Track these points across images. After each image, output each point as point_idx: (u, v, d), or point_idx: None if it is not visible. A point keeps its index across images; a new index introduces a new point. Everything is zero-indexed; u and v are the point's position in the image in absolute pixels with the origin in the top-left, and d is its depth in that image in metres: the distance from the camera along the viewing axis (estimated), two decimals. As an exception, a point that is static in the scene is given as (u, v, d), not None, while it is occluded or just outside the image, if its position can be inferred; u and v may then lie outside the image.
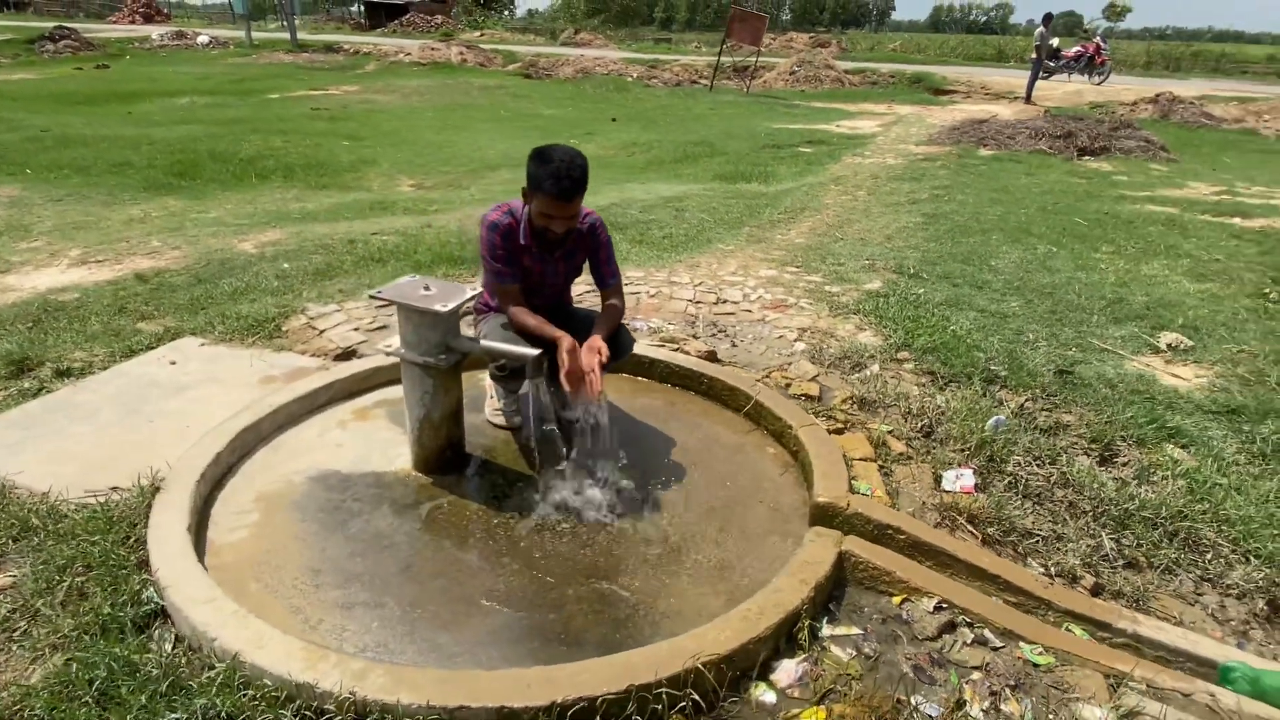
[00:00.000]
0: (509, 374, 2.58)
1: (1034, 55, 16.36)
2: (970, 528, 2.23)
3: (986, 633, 1.87)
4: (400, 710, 1.49)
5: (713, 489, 2.45)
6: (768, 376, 3.08)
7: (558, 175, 2.18)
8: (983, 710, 1.65)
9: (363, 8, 42.58)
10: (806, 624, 1.82)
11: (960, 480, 2.41)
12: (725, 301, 3.86)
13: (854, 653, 1.81)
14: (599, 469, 2.44)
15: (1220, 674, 1.81)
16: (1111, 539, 2.18)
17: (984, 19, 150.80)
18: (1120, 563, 2.14)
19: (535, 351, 2.18)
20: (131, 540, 1.98)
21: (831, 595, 1.97)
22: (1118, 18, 31.34)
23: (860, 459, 2.52)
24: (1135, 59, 27.70)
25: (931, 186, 7.43)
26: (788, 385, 3.02)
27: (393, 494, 2.33)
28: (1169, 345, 3.52)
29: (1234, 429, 2.84)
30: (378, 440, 2.61)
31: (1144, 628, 1.90)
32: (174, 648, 1.67)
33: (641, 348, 3.15)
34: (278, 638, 1.63)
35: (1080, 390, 3.03)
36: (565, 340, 2.23)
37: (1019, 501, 2.33)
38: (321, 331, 3.40)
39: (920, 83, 19.07)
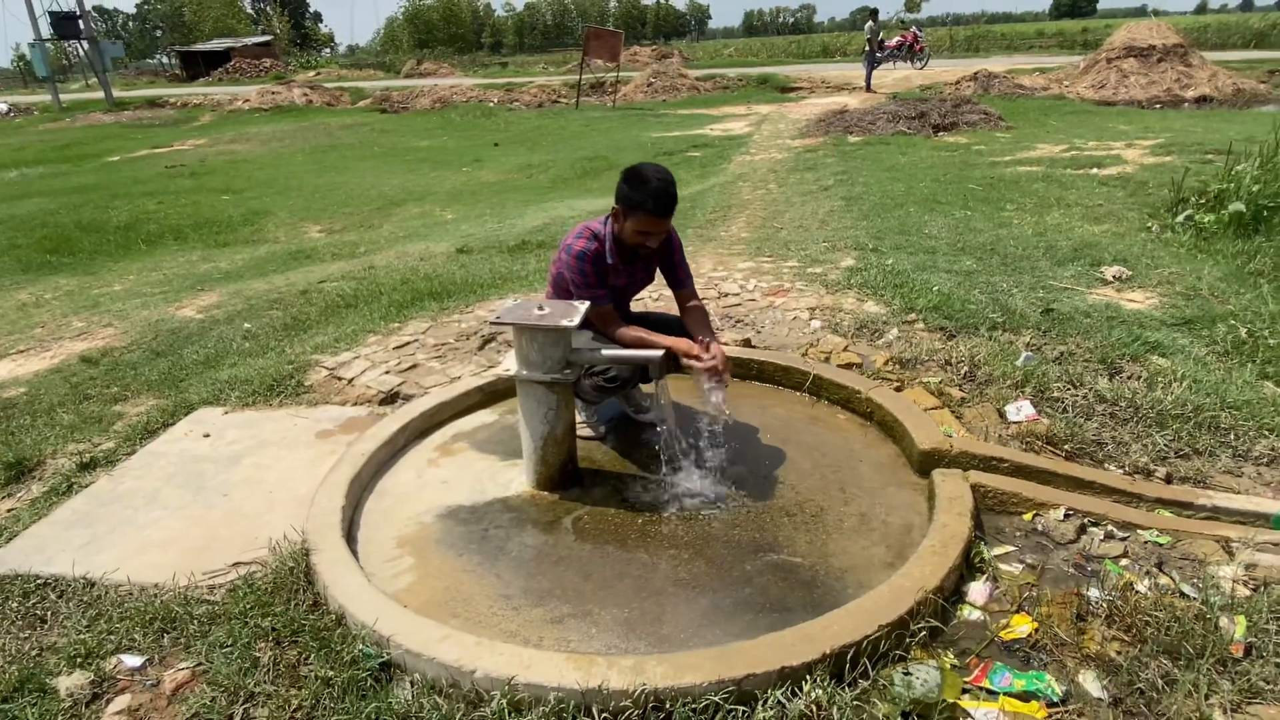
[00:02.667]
0: (618, 384, 2.58)
1: (867, 48, 17.82)
2: (1051, 448, 2.54)
3: (1111, 528, 2.16)
4: (697, 691, 1.55)
5: (813, 458, 2.62)
6: (806, 354, 3.30)
7: (659, 195, 2.31)
8: (1146, 586, 1.92)
9: (177, 59, 39.61)
10: (979, 548, 2.04)
11: (1022, 411, 2.72)
12: (727, 295, 4.05)
13: (1020, 566, 2.04)
14: (710, 459, 2.55)
15: (1274, 522, 2.18)
16: (1162, 436, 2.55)
17: (792, 20, 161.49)
18: (1173, 454, 2.50)
19: (660, 351, 2.27)
20: (306, 605, 1.89)
21: (977, 523, 2.20)
22: (915, 8, 34.85)
23: (930, 408, 2.78)
24: (941, 43, 30.77)
25: (831, 173, 8.01)
26: (827, 358, 3.26)
27: (529, 515, 2.34)
28: (1114, 277, 4.07)
29: (1195, 336, 3.36)
30: (479, 471, 2.58)
31: (1218, 500, 2.25)
32: (422, 693, 1.63)
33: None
34: (541, 657, 1.64)
35: (1067, 323, 3.46)
36: (683, 343, 2.36)
37: (1075, 419, 2.66)
38: (350, 380, 3.28)
39: (767, 83, 20.28)
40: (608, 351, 2.35)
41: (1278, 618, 1.73)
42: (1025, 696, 1.60)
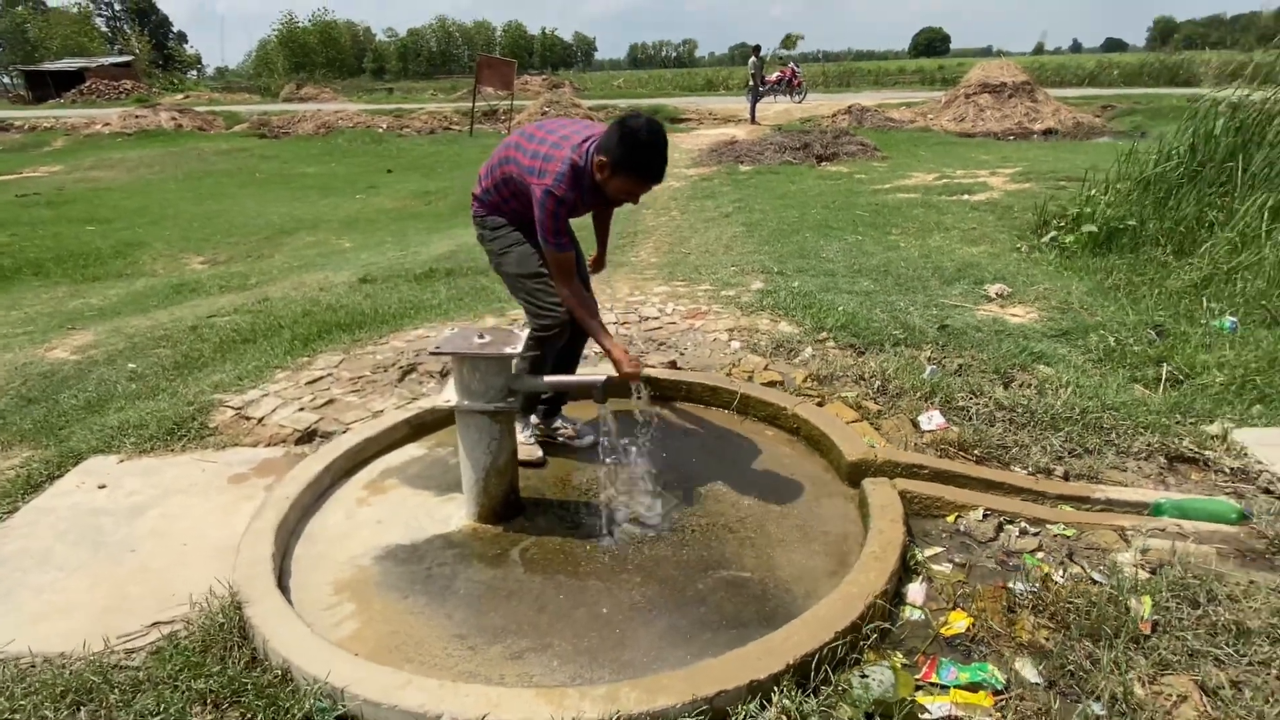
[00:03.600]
0: (555, 330, 2.50)
1: (750, 82, 18.66)
2: (963, 454, 2.73)
3: (1024, 525, 2.34)
4: (671, 713, 1.56)
5: (747, 474, 2.70)
6: (730, 373, 3.40)
7: (659, 164, 2.28)
8: (1062, 577, 2.09)
9: (21, 78, 36.25)
10: (913, 551, 2.16)
11: (933, 420, 2.91)
12: (647, 319, 4.12)
13: (950, 565, 2.17)
14: (649, 479, 2.58)
15: (1153, 509, 2.43)
16: (1057, 438, 2.79)
17: (675, 54, 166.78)
18: (1067, 454, 2.75)
19: (602, 378, 2.29)
20: (243, 662, 1.76)
21: (907, 528, 2.33)
22: (791, 45, 37.02)
23: (851, 421, 2.92)
24: (816, 79, 32.63)
25: (729, 201, 8.31)
26: (750, 376, 3.37)
27: (473, 550, 2.28)
28: (997, 294, 4.43)
29: (1072, 345, 3.71)
30: (414, 507, 2.50)
31: (1110, 493, 2.49)
32: (384, 743, 1.56)
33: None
34: (509, 694, 1.60)
35: (961, 337, 3.73)
36: (616, 350, 2.37)
37: (980, 426, 2.87)
38: (260, 420, 3.09)
39: (658, 114, 20.75)
40: (550, 379, 2.34)
41: (1175, 596, 1.93)
42: (973, 687, 1.71)
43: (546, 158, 2.32)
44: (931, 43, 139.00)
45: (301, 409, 3.16)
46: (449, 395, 2.25)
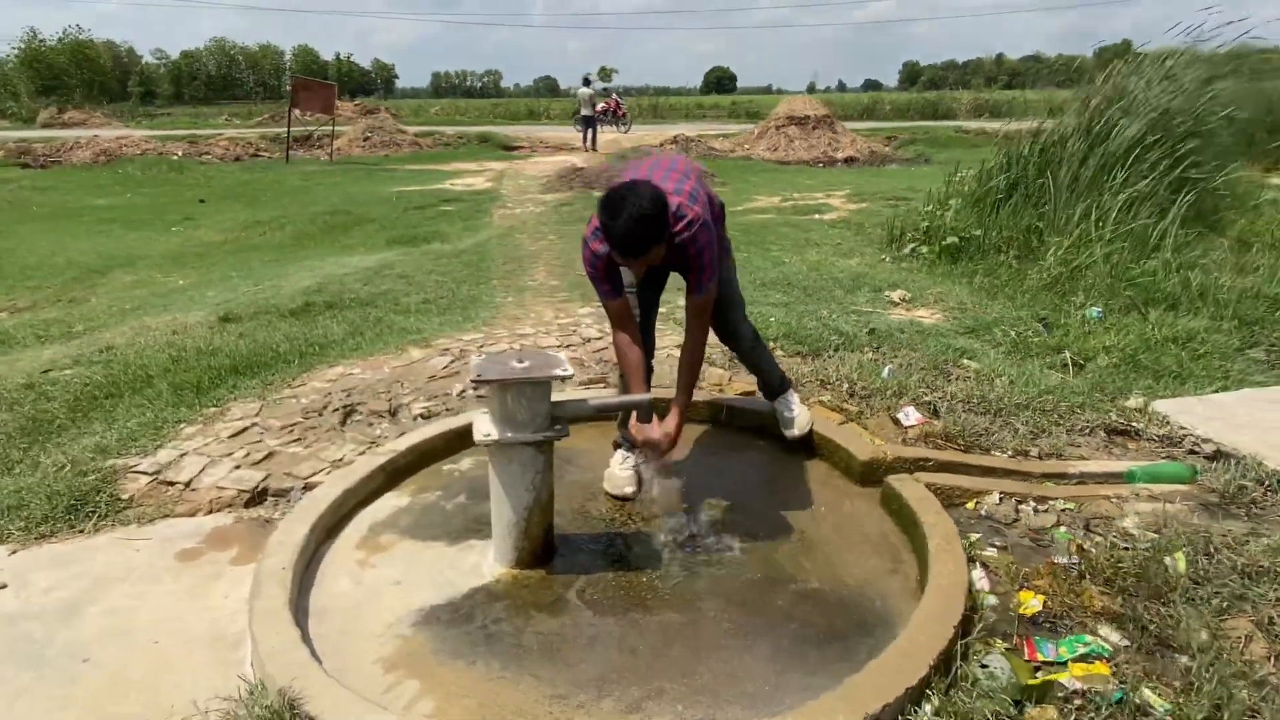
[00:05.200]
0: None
1: (585, 112, 18.99)
2: (950, 444, 2.88)
3: (1033, 504, 2.51)
4: (852, 735, 1.47)
5: (763, 485, 2.67)
6: (700, 388, 3.36)
7: (625, 235, 2.01)
8: (1092, 546, 2.26)
9: None
10: (965, 539, 2.23)
11: (911, 416, 3.05)
12: (590, 340, 3.97)
13: (994, 550, 2.27)
14: (694, 504, 2.47)
15: (1126, 477, 2.73)
16: (1018, 423, 3.04)
17: (480, 84, 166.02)
18: (1030, 436, 2.99)
19: (648, 397, 2.16)
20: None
21: (942, 518, 2.40)
22: (607, 79, 38.26)
23: (841, 423, 2.99)
24: (634, 111, 33.87)
25: (601, 222, 8.32)
26: (722, 389, 3.35)
27: (524, 599, 2.04)
28: (900, 299, 4.78)
29: (982, 340, 4.07)
30: (431, 562, 2.19)
31: (1082, 467, 2.74)
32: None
33: (584, 392, 3.15)
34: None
35: (889, 339, 3.97)
36: (638, 430, 2.28)
37: (953, 417, 3.06)
38: (189, 484, 2.58)
39: (489, 141, 20.51)
40: (595, 402, 2.17)
41: (1196, 550, 2.15)
42: (1084, 659, 1.79)
43: (594, 219, 2.22)
44: (720, 80, 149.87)
45: (238, 466, 2.68)
46: (486, 429, 2.01)
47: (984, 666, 1.74)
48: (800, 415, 2.83)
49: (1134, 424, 3.07)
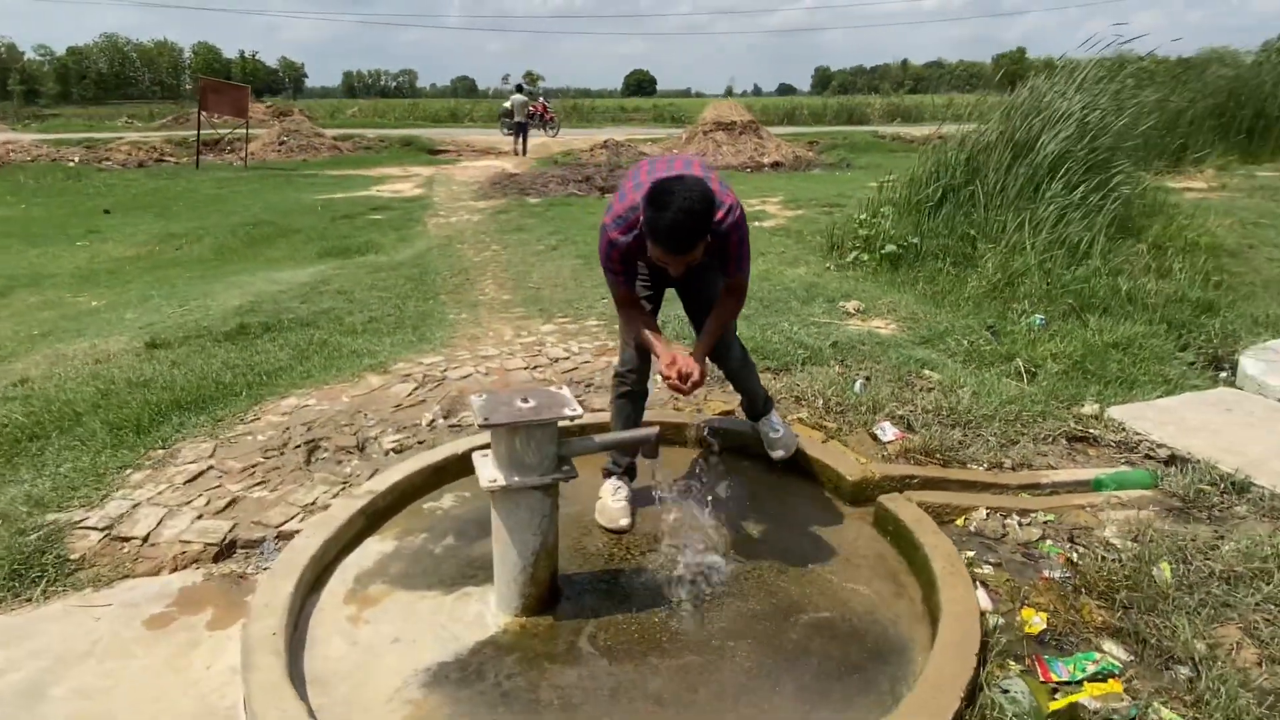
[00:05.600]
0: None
1: (519, 118, 18.80)
2: (929, 459, 2.94)
3: (1015, 517, 2.58)
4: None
5: (757, 509, 2.65)
6: (679, 408, 3.33)
7: (674, 229, 1.96)
8: (1075, 557, 2.34)
9: None
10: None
11: (888, 432, 3.10)
12: (558, 360, 3.89)
13: (990, 567, 2.32)
14: (686, 538, 2.43)
15: (1094, 485, 2.85)
16: (987, 434, 3.13)
17: (395, 84, 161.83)
18: (1000, 447, 3.09)
19: (655, 430, 2.10)
20: None
21: (935, 537, 2.44)
22: (533, 83, 37.87)
23: (823, 441, 3.02)
24: (559, 113, 33.61)
25: (543, 233, 8.19)
26: (700, 409, 3.33)
27: (535, 650, 1.95)
28: (854, 310, 4.88)
29: (938, 350, 4.19)
30: (428, 614, 2.08)
31: (1054, 476, 2.85)
32: None
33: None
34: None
35: (852, 351, 4.04)
36: (664, 355, 2.23)
37: (928, 431, 3.13)
38: (146, 539, 2.37)
39: (412, 145, 19.95)
40: (600, 439, 2.10)
41: (1172, 558, 2.26)
42: (1097, 677, 1.84)
43: (622, 197, 2.19)
44: (641, 83, 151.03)
45: (199, 516, 2.48)
46: (492, 475, 1.91)
47: (1005, 691, 1.77)
48: (786, 435, 2.83)
49: (1092, 431, 3.21)
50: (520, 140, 18.49)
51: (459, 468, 2.79)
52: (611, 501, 2.53)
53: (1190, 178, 13.12)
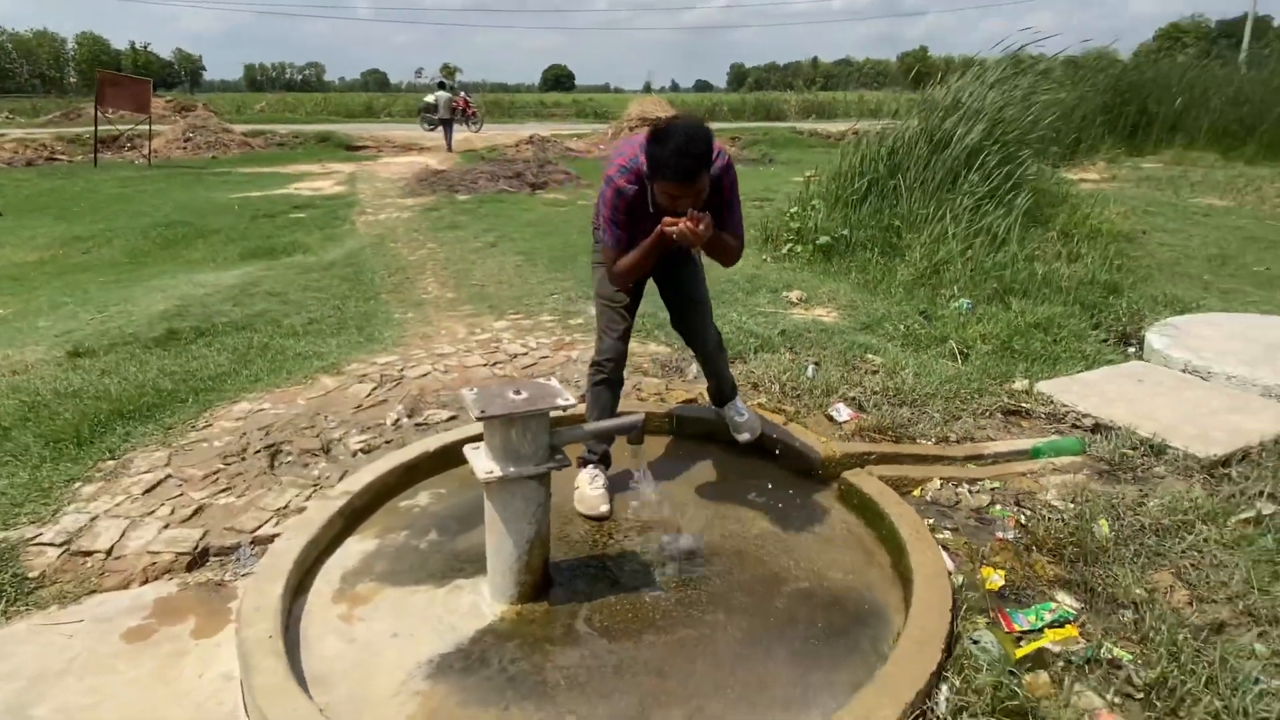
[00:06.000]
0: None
1: (444, 114, 18.51)
2: (883, 436, 3.12)
3: (966, 486, 2.78)
4: (900, 725, 1.58)
5: (729, 490, 2.76)
6: (643, 398, 3.40)
7: (677, 156, 2.02)
8: (1022, 520, 2.54)
9: None
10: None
11: (843, 413, 3.27)
12: (516, 355, 3.89)
13: (949, 532, 2.49)
14: (667, 517, 2.51)
15: (1032, 453, 3.08)
16: (933, 411, 3.34)
17: (300, 77, 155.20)
18: (943, 422, 3.30)
19: (640, 417, 2.17)
20: None
21: (897, 508, 2.60)
22: (450, 77, 37.05)
23: (784, 424, 3.15)
24: (481, 109, 33.03)
25: (480, 230, 8.11)
26: (662, 398, 3.41)
27: (535, 635, 1.99)
28: (798, 299, 5.06)
29: (877, 335, 4.41)
30: (422, 607, 2.09)
31: (994, 447, 3.07)
32: None
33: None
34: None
35: (799, 339, 4.21)
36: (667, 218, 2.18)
37: (878, 410, 3.30)
38: (109, 552, 2.28)
39: (329, 140, 19.26)
40: (589, 427, 2.15)
41: (1106, 515, 2.48)
42: (1056, 624, 2.02)
43: (620, 152, 2.27)
44: (559, 78, 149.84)
45: (166, 526, 2.40)
46: (489, 466, 1.94)
47: (975, 643, 1.93)
48: (751, 419, 2.94)
49: (1024, 405, 3.46)
50: (447, 136, 18.20)
51: (431, 465, 2.79)
52: (590, 490, 2.58)
53: (1084, 169, 14.11)
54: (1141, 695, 1.78)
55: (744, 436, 2.93)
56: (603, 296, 2.56)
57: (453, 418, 3.19)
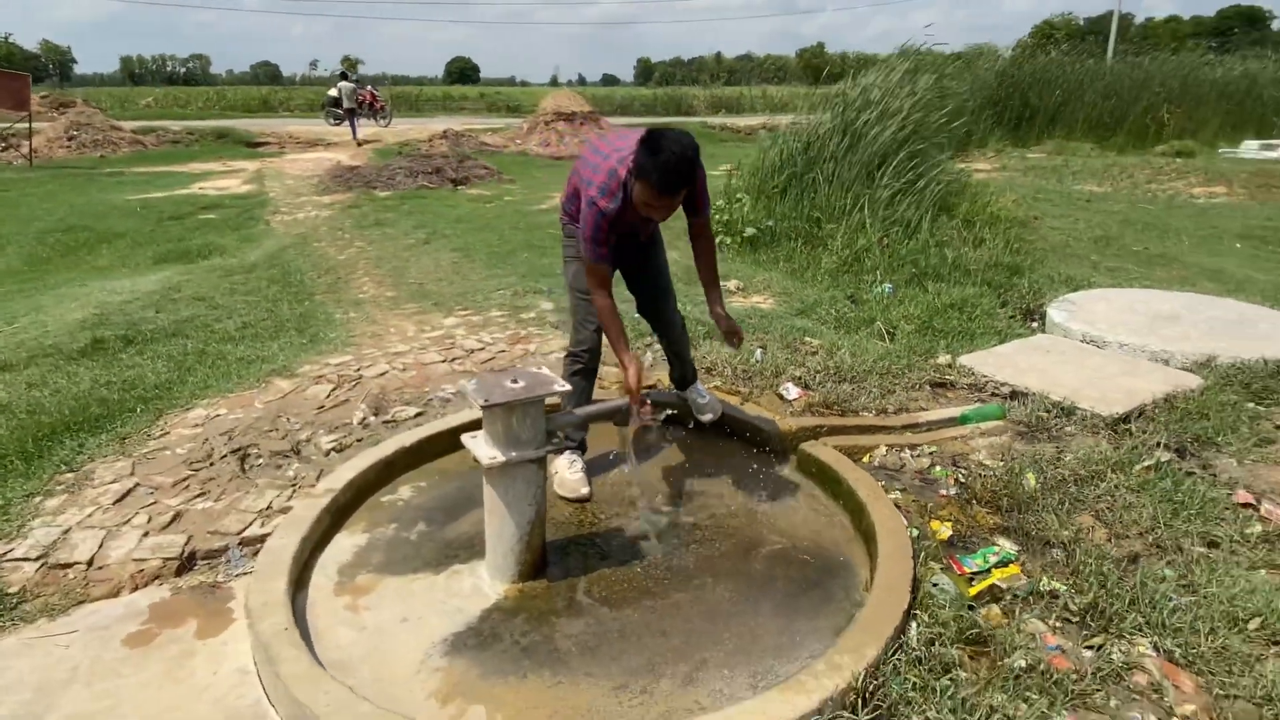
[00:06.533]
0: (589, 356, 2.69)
1: (348, 105, 17.89)
2: (829, 410, 3.37)
3: (908, 451, 3.06)
4: (879, 659, 1.80)
5: (698, 467, 2.94)
6: (603, 385, 3.54)
7: (666, 170, 2.14)
8: (960, 478, 2.83)
9: None
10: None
11: (791, 391, 3.50)
12: (474, 351, 3.94)
13: (898, 493, 2.75)
14: (645, 494, 2.67)
15: (960, 419, 3.41)
16: (871, 386, 3.62)
17: (184, 70, 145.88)
18: (880, 395, 3.58)
19: (626, 401, 2.31)
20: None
21: (851, 474, 2.84)
22: (352, 69, 35.69)
23: (741, 403, 3.36)
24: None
25: (409, 227, 8.01)
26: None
27: (541, 609, 2.11)
28: (737, 288, 5.29)
29: (813, 319, 4.70)
30: (425, 591, 2.17)
31: (929, 416, 3.37)
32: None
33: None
34: (759, 704, 1.65)
35: (742, 324, 4.41)
36: (631, 372, 2.37)
37: (823, 388, 3.56)
38: (90, 562, 2.24)
39: (227, 137, 18.33)
40: (581, 412, 2.28)
41: (1031, 469, 2.80)
42: (1001, 564, 2.29)
43: (596, 169, 2.34)
44: (464, 71, 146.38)
45: (146, 534, 2.37)
46: (492, 452, 2.04)
47: (935, 585, 2.17)
48: (712, 401, 3.13)
49: (948, 377, 3.79)
50: (352, 127, 17.69)
51: (407, 461, 2.85)
52: (569, 474, 2.70)
53: (975, 160, 15.10)
54: (1077, 619, 2.07)
55: (707, 417, 3.11)
56: (578, 289, 2.68)
57: (420, 414, 3.24)
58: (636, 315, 3.08)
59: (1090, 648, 1.97)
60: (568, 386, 2.09)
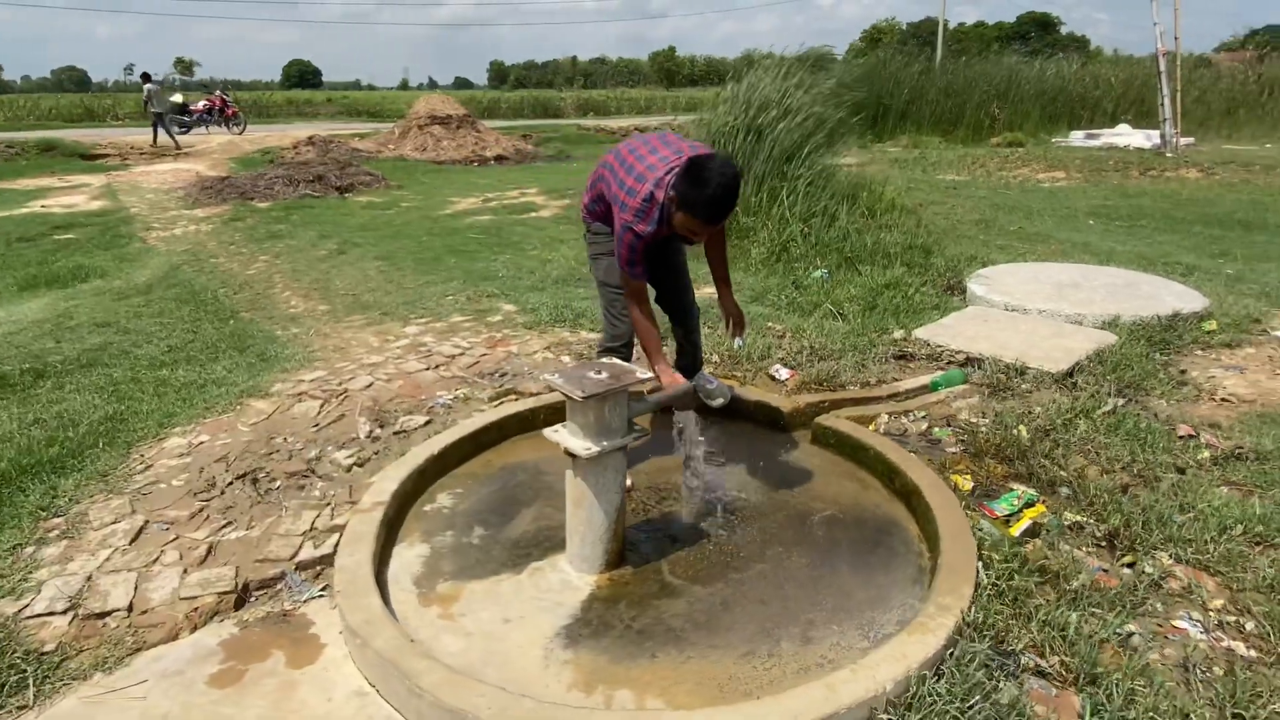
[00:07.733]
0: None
1: (156, 109, 16.93)
2: (822, 387, 3.57)
3: (904, 418, 3.30)
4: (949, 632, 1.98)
5: (722, 447, 3.04)
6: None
7: (713, 204, 2.17)
8: (961, 437, 3.10)
9: None
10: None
11: (782, 373, 3.68)
12: (455, 357, 3.83)
13: (913, 454, 2.98)
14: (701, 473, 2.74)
15: (931, 386, 3.71)
16: (848, 362, 3.86)
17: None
18: (859, 369, 3.83)
19: (691, 384, 2.38)
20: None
21: (866, 441, 3.04)
22: (188, 72, 32.82)
23: (740, 387, 3.49)
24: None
25: (314, 238, 7.56)
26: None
27: (636, 594, 2.15)
28: (685, 280, 5.42)
29: (769, 306, 4.91)
30: (510, 594, 2.15)
31: (904, 385, 3.65)
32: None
33: (510, 408, 3.17)
34: (886, 653, 1.78)
35: (708, 314, 4.57)
36: (666, 377, 2.47)
37: (809, 367, 3.76)
38: (131, 607, 2.03)
39: (55, 150, 16.41)
40: (652, 399, 2.31)
41: (1018, 424, 3.11)
42: (1028, 505, 2.55)
43: (631, 191, 2.32)
44: (304, 74, 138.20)
45: (185, 570, 2.17)
46: (586, 444, 2.04)
47: (979, 529, 2.40)
48: (720, 386, 3.24)
49: (908, 349, 4.11)
50: (169, 133, 16.71)
51: (436, 469, 2.76)
52: None
53: (842, 155, 16.16)
54: (1105, 543, 2.35)
55: (718, 402, 3.21)
56: (609, 284, 2.70)
57: (428, 422, 3.13)
58: (654, 305, 3.12)
59: (1126, 566, 2.25)
60: (649, 374, 2.13)
